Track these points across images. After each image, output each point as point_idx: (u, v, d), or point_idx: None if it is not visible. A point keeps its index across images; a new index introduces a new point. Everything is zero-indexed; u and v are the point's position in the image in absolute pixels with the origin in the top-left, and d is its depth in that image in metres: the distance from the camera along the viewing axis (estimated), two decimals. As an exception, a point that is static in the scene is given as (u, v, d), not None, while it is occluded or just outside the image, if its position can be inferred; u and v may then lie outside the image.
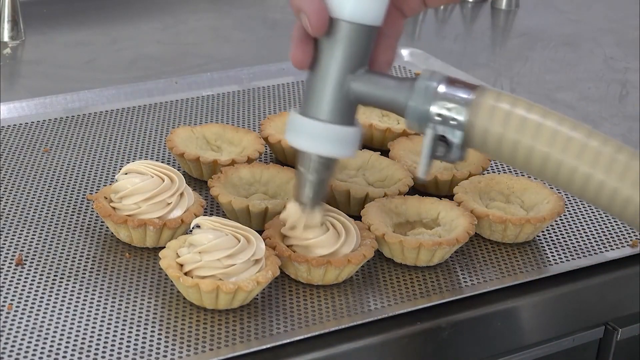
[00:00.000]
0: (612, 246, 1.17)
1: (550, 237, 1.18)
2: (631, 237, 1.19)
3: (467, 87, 0.88)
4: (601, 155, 0.82)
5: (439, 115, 0.88)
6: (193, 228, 1.03)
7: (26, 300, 1.01)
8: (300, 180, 0.98)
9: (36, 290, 1.03)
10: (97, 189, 1.21)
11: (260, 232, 1.06)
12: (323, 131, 0.93)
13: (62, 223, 1.14)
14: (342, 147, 0.94)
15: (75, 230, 1.13)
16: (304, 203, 0.99)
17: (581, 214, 1.23)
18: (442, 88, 0.89)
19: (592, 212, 1.23)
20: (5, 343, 0.95)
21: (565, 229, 1.19)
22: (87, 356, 0.95)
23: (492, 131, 0.86)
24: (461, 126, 0.88)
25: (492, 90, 0.88)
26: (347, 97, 0.92)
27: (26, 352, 0.95)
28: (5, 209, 1.15)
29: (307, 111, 0.93)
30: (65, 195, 1.19)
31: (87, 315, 1.00)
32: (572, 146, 0.83)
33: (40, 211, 1.16)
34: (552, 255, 1.15)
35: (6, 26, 1.59)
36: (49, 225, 1.13)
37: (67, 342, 0.96)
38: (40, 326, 0.98)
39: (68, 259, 1.08)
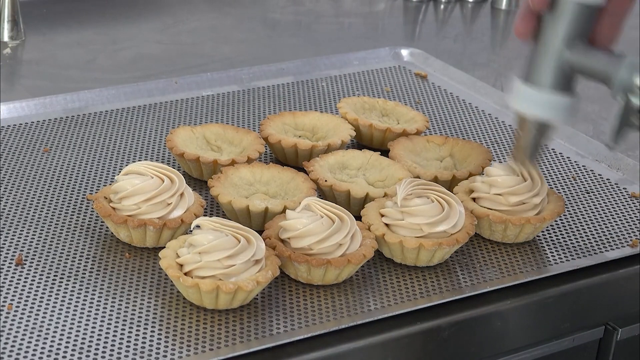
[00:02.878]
0: (612, 246, 1.17)
1: (550, 237, 1.18)
2: (631, 237, 1.19)
3: None
4: None
5: None
6: (193, 229, 1.03)
7: (26, 300, 1.01)
8: (519, 142, 1.05)
9: (36, 290, 1.03)
10: (97, 189, 1.21)
11: (260, 232, 1.06)
12: (542, 98, 1.01)
13: (62, 223, 1.14)
14: (558, 113, 1.02)
15: (75, 230, 1.13)
16: (521, 161, 1.06)
17: (581, 214, 1.23)
18: None
19: (592, 212, 1.23)
20: (5, 343, 0.95)
21: (565, 229, 1.19)
22: (87, 356, 0.95)
23: None
24: None
25: None
26: (564, 68, 1.01)
27: (26, 352, 0.95)
28: (5, 209, 1.16)
29: (529, 79, 1.02)
30: (65, 195, 1.19)
31: (87, 315, 1.00)
32: None
33: (40, 211, 1.16)
34: (552, 255, 1.15)
35: (6, 26, 1.59)
36: (49, 225, 1.13)
37: (67, 342, 0.96)
38: (40, 326, 0.98)
39: (68, 259, 1.08)
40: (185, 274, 1.01)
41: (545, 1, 0.99)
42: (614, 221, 1.22)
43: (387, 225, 1.10)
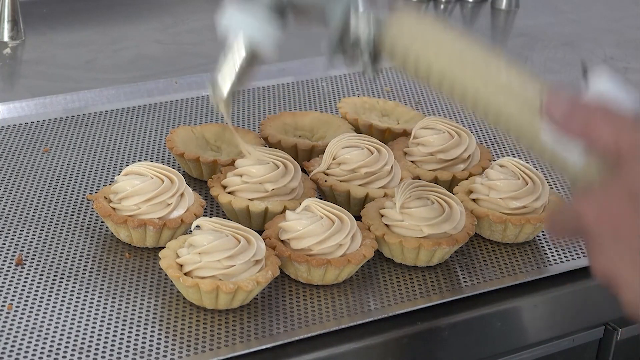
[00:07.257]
0: (612, 246, 1.17)
1: (550, 237, 1.18)
2: (631, 237, 1.19)
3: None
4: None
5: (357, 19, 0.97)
6: (193, 229, 1.03)
7: (26, 300, 1.01)
8: (222, 68, 1.07)
9: (36, 290, 1.03)
10: (97, 189, 1.21)
11: (260, 232, 1.06)
12: (251, 21, 1.02)
13: (62, 223, 1.14)
14: (262, 39, 1.03)
15: (75, 230, 1.13)
16: (215, 81, 1.08)
17: (581, 214, 1.22)
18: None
19: (592, 212, 1.23)
20: (5, 343, 0.95)
21: (565, 229, 1.19)
22: (87, 356, 0.95)
23: (399, 43, 0.94)
24: (373, 34, 0.96)
25: (410, 10, 0.95)
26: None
27: (26, 352, 0.95)
28: (5, 209, 1.16)
29: (244, 3, 1.02)
30: (65, 195, 1.19)
31: (87, 315, 1.00)
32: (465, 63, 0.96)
33: (40, 211, 1.16)
34: (552, 255, 1.15)
35: (6, 26, 1.58)
36: (49, 225, 1.13)
37: (67, 342, 0.96)
38: (40, 326, 0.98)
39: (68, 259, 1.08)
40: (185, 274, 1.01)
41: None
42: (614, 221, 1.21)
43: (387, 225, 1.10)
